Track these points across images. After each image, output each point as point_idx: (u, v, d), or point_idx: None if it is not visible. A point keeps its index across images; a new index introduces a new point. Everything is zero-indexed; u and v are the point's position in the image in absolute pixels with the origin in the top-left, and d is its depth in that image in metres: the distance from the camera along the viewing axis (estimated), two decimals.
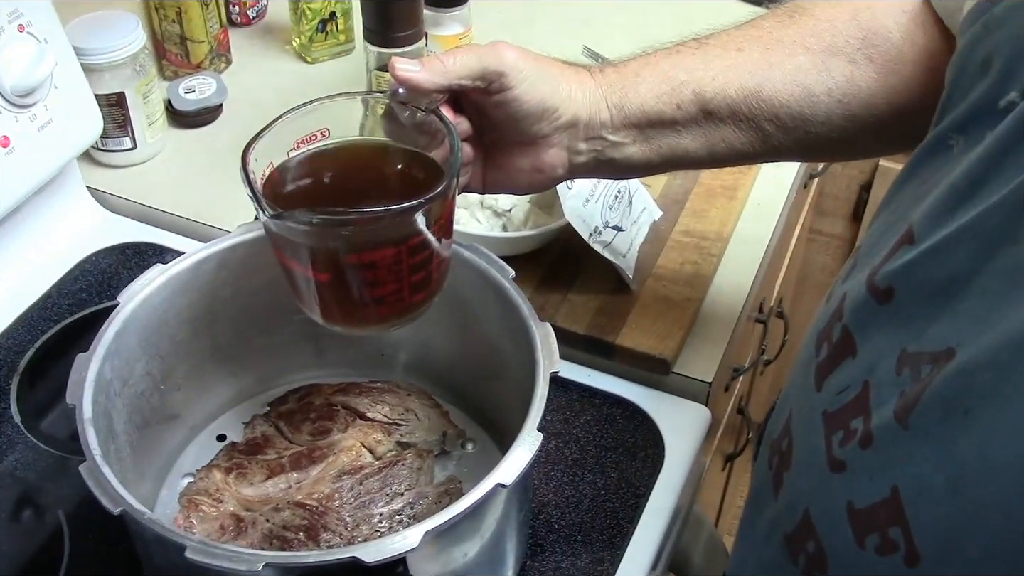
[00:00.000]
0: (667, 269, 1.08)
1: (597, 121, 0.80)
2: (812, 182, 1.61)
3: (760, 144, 0.83)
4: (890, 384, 0.59)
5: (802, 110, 0.81)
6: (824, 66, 0.81)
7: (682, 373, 1.01)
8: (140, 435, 0.84)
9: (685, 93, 0.80)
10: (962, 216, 0.57)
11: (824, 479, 0.62)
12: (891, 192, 0.71)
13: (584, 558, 0.87)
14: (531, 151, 0.81)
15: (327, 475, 0.85)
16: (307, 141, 0.79)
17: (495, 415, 0.92)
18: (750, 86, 0.80)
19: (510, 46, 0.77)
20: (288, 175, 0.78)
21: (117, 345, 0.81)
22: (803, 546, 0.64)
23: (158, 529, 0.69)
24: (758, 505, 0.74)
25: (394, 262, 0.74)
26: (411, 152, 0.80)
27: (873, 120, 0.82)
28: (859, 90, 0.81)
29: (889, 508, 0.56)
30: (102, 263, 1.12)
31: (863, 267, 0.66)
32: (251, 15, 1.45)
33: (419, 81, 0.75)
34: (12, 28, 1.01)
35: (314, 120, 0.79)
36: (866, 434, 0.59)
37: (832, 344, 0.66)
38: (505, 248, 1.04)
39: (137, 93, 1.18)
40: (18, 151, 1.03)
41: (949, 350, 0.55)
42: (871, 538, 0.58)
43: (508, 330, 0.83)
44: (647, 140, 0.82)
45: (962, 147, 0.62)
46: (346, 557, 0.67)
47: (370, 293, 0.77)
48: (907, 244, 0.61)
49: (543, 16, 1.44)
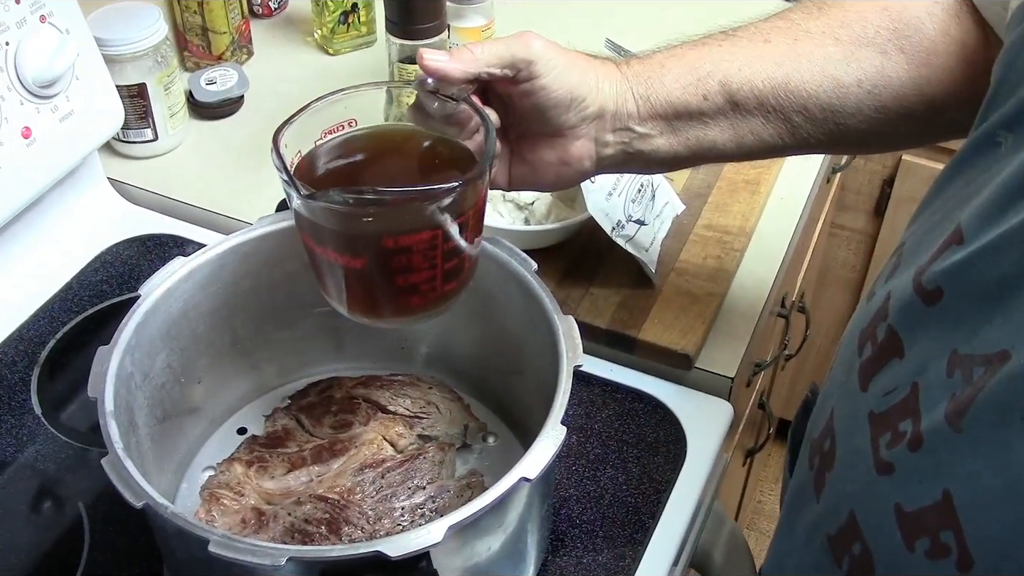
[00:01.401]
0: (689, 263, 1.07)
1: (624, 112, 0.80)
2: (834, 177, 1.60)
3: (789, 136, 0.82)
4: (940, 386, 0.58)
5: (831, 101, 0.80)
6: (854, 57, 0.80)
7: (704, 368, 1.00)
8: (160, 428, 0.84)
9: (711, 84, 0.80)
10: (1013, 216, 0.56)
11: (871, 481, 0.61)
12: (934, 190, 0.69)
13: (606, 554, 0.86)
14: (558, 143, 0.80)
15: (348, 468, 0.85)
16: (334, 131, 0.78)
17: (516, 409, 0.92)
18: (778, 77, 0.80)
19: (538, 36, 0.77)
20: (318, 162, 0.78)
21: (138, 338, 0.81)
22: (848, 548, 0.63)
23: (181, 523, 0.68)
24: (797, 506, 0.73)
25: (429, 247, 0.73)
26: (442, 138, 0.79)
27: (904, 112, 0.81)
28: (890, 81, 0.80)
29: (940, 512, 0.55)
30: (123, 254, 1.12)
31: (908, 266, 0.65)
32: (273, 6, 1.45)
33: (449, 71, 0.75)
34: (34, 19, 1.01)
35: (341, 109, 0.78)
36: (915, 436, 0.58)
37: (877, 344, 0.65)
38: (527, 242, 1.04)
39: (158, 84, 1.18)
40: (40, 142, 1.03)
41: (1003, 353, 0.54)
42: (921, 542, 0.57)
43: (530, 323, 0.83)
44: (674, 132, 0.81)
45: (1011, 145, 0.61)
46: (370, 551, 0.67)
47: (403, 280, 0.76)
48: (955, 244, 0.60)
49: (565, 9, 1.44)
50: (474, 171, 0.72)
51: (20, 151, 1.01)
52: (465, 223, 0.74)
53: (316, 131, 0.78)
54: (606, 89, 0.79)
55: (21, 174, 1.02)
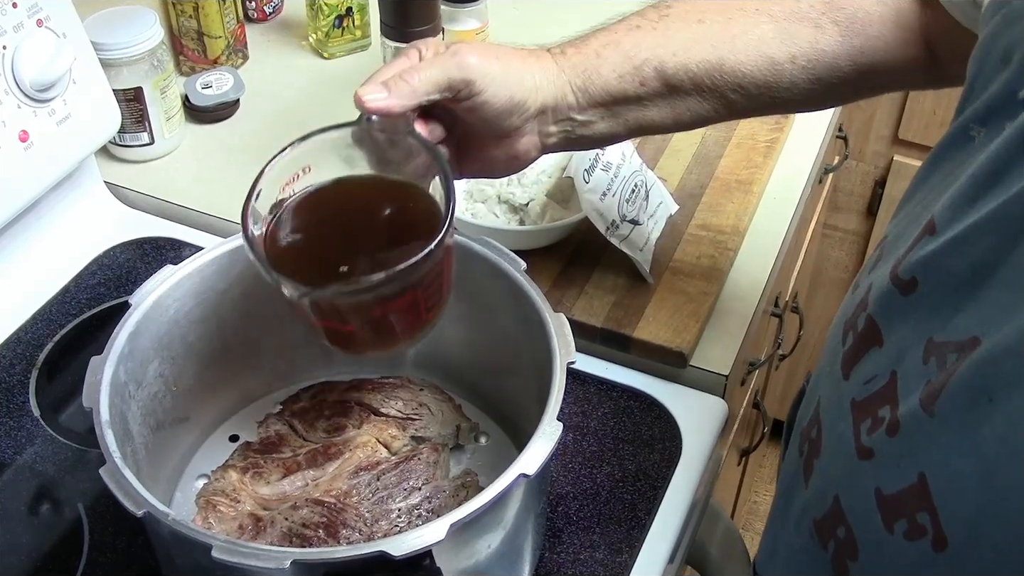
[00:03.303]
0: (684, 263, 1.08)
1: (564, 104, 0.80)
2: (827, 177, 1.61)
3: (725, 110, 0.83)
4: (916, 373, 0.59)
5: (766, 79, 0.81)
6: (788, 33, 0.81)
7: (699, 366, 1.01)
8: (154, 437, 0.85)
9: (647, 71, 0.80)
10: (983, 207, 0.57)
11: (853, 466, 0.63)
12: (914, 184, 0.71)
13: (602, 550, 0.87)
14: (504, 142, 0.81)
15: (344, 471, 0.85)
16: (291, 181, 0.79)
17: (508, 408, 0.93)
18: (712, 59, 0.80)
19: (471, 49, 0.77)
20: (284, 230, 0.79)
21: (130, 347, 0.81)
22: (833, 532, 0.65)
23: (183, 530, 0.69)
24: (788, 493, 0.75)
25: (411, 303, 0.76)
26: (402, 186, 0.79)
27: (838, 80, 0.83)
28: (823, 54, 0.81)
29: (916, 494, 0.57)
30: (119, 258, 1.12)
31: (888, 258, 0.66)
32: (267, 11, 1.45)
33: (389, 107, 0.75)
34: (31, 23, 1.02)
35: (295, 163, 0.78)
36: (893, 422, 0.60)
37: (858, 334, 0.67)
38: (522, 242, 1.04)
39: (155, 88, 1.19)
40: (37, 146, 1.03)
41: (974, 339, 0.56)
42: (899, 523, 0.58)
43: (521, 322, 0.84)
44: (614, 116, 0.82)
45: (983, 139, 0.62)
46: (373, 552, 0.67)
47: (389, 328, 0.79)
48: (929, 235, 0.61)
49: (559, 10, 1.44)
50: (442, 231, 0.72)
51: (17, 155, 1.01)
52: (441, 269, 0.76)
53: (275, 190, 0.78)
54: (545, 87, 0.80)
55: (18, 178, 1.02)
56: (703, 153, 1.21)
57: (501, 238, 0.87)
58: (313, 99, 1.33)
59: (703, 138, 1.22)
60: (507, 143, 0.81)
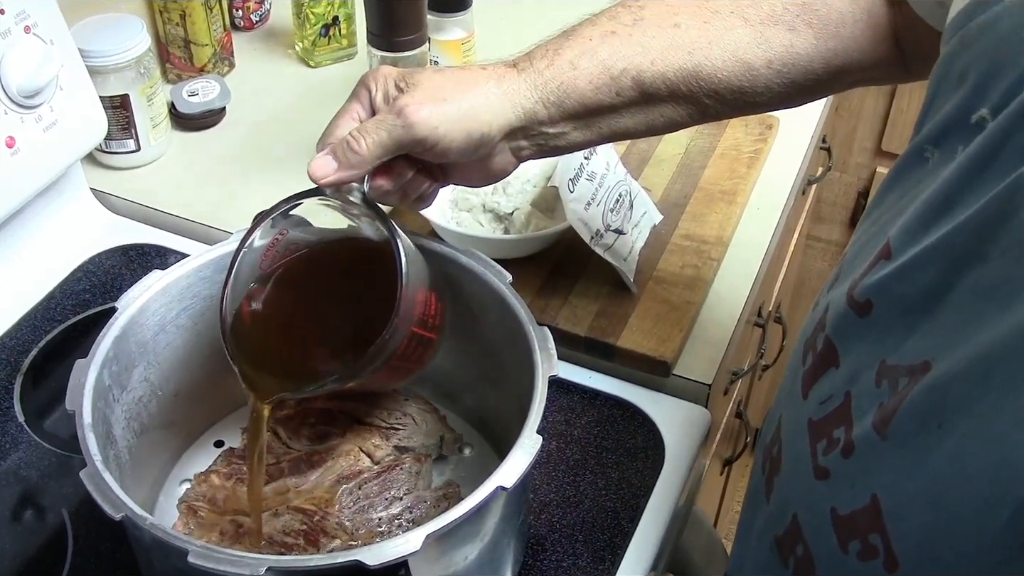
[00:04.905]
0: (667, 272, 1.09)
1: (535, 121, 0.80)
2: (810, 188, 1.62)
3: (698, 115, 0.84)
4: (870, 396, 0.60)
5: (742, 84, 0.81)
6: (763, 37, 0.81)
7: (682, 375, 1.01)
8: (138, 441, 0.85)
9: (624, 81, 0.80)
10: (935, 233, 0.58)
11: (810, 486, 0.64)
12: (875, 201, 0.71)
13: (585, 558, 0.87)
14: (478, 165, 0.81)
15: (326, 480, 0.85)
16: (272, 246, 0.81)
17: (491, 419, 0.93)
18: (688, 67, 0.80)
19: (418, 103, 0.75)
20: (259, 314, 0.81)
21: (115, 351, 0.81)
22: (792, 549, 0.65)
23: (160, 534, 0.69)
24: (753, 508, 0.75)
25: (392, 368, 0.79)
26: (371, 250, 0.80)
27: (811, 82, 0.83)
28: (798, 58, 0.82)
29: (869, 515, 0.57)
30: (105, 264, 1.12)
31: (845, 278, 0.67)
32: (254, 19, 1.46)
33: (339, 179, 0.75)
34: (19, 29, 1.02)
35: (266, 235, 0.80)
36: (847, 444, 0.61)
37: (817, 354, 0.67)
38: (507, 251, 1.05)
39: (141, 95, 1.19)
40: (23, 152, 1.03)
41: (925, 364, 0.56)
42: (853, 544, 0.59)
43: (506, 334, 0.84)
44: (588, 127, 0.82)
45: (937, 160, 0.63)
46: (348, 560, 0.67)
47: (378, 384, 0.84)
48: (884, 259, 0.62)
49: (545, 20, 1.45)
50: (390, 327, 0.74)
51: (4, 161, 1.01)
52: (413, 333, 0.78)
53: (250, 272, 0.81)
54: (507, 110, 0.78)
55: (4, 184, 1.02)
56: (687, 163, 1.22)
57: (486, 247, 0.87)
58: (299, 107, 1.34)
59: (687, 148, 1.23)
60: (481, 166, 0.81)
